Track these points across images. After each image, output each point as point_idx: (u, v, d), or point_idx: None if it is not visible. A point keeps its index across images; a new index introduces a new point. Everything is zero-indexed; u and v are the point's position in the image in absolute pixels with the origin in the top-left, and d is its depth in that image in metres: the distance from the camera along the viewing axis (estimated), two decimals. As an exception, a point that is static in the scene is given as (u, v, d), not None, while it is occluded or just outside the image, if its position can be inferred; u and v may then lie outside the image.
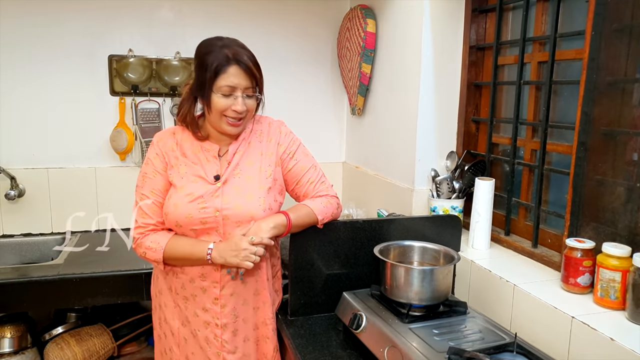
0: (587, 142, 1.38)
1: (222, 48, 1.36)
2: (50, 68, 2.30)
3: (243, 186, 1.45)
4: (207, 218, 1.41)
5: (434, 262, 1.53)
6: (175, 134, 1.50)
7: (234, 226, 1.43)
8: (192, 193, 1.42)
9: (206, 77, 1.36)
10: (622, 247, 1.24)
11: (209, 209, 1.41)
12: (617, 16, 1.31)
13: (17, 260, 2.30)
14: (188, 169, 1.45)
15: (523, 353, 1.20)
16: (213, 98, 1.38)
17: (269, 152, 1.53)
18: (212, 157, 1.46)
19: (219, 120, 1.41)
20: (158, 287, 1.55)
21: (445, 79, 1.93)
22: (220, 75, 1.36)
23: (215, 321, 1.46)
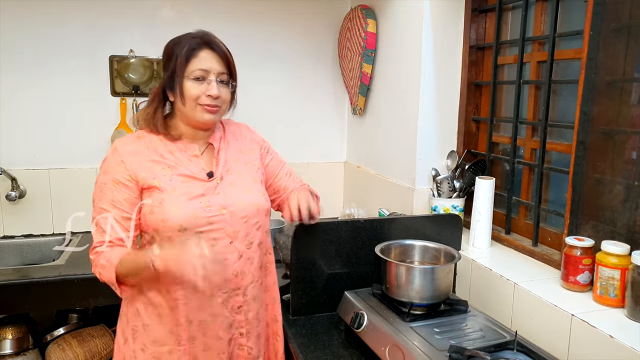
0: (586, 141, 1.39)
1: (191, 37, 1.32)
2: (51, 69, 2.30)
3: (239, 181, 1.41)
4: (213, 217, 1.32)
5: (435, 261, 1.54)
6: (141, 137, 1.37)
7: (241, 222, 1.36)
8: (189, 192, 1.32)
9: (177, 65, 1.29)
10: (621, 245, 1.25)
11: (213, 207, 1.33)
12: (615, 16, 1.32)
13: (18, 262, 2.30)
14: (171, 171, 1.33)
15: (523, 351, 1.21)
16: (185, 84, 1.30)
17: (248, 148, 1.50)
18: (192, 157, 1.37)
19: (194, 110, 1.32)
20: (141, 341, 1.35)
21: (446, 78, 1.94)
22: (191, 59, 1.30)
23: (240, 330, 1.38)
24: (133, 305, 1.35)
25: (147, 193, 1.31)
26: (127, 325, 1.36)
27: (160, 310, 1.32)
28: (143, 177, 1.31)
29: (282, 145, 2.67)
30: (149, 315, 1.33)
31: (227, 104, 1.38)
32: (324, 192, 2.74)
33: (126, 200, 1.30)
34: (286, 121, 2.68)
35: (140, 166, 1.31)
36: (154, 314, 1.33)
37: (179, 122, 1.37)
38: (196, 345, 1.33)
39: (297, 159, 2.73)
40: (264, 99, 2.62)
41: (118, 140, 1.37)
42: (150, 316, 1.33)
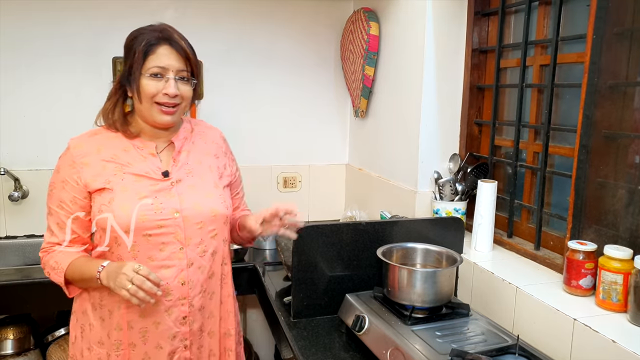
0: (589, 144, 1.38)
1: (151, 31, 1.27)
2: (54, 69, 2.31)
3: (199, 184, 1.34)
4: (165, 221, 1.26)
5: (437, 264, 1.54)
6: (97, 134, 1.33)
7: (195, 228, 1.30)
8: (140, 192, 1.26)
9: (134, 60, 1.24)
10: (623, 250, 1.25)
11: (165, 209, 1.26)
12: (618, 20, 1.32)
13: (21, 262, 2.30)
14: (122, 170, 1.28)
15: (525, 355, 1.21)
16: (142, 81, 1.24)
17: (215, 154, 1.44)
18: (148, 155, 1.31)
19: (150, 109, 1.26)
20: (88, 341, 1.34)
21: (448, 81, 1.94)
22: (149, 55, 1.24)
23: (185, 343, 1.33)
24: (82, 305, 1.34)
25: (97, 195, 1.28)
26: (77, 323, 1.36)
27: (103, 312, 1.30)
28: (92, 179, 1.27)
29: (284, 147, 2.70)
30: (95, 316, 1.32)
31: (188, 101, 1.32)
32: (325, 194, 2.77)
33: (72, 201, 1.28)
34: (288, 123, 2.68)
35: (90, 168, 1.27)
36: (98, 316, 1.31)
37: (137, 120, 1.33)
38: (136, 352, 1.29)
39: (299, 161, 2.73)
40: (266, 100, 2.62)
41: (72, 139, 1.33)
42: (95, 317, 1.32)
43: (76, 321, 1.37)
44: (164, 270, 1.27)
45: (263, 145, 2.66)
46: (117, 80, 1.32)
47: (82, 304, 1.35)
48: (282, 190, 2.71)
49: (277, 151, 2.69)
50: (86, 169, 1.28)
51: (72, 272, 1.27)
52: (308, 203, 2.73)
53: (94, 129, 1.35)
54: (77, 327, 1.37)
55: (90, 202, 1.29)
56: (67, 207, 1.29)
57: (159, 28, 1.28)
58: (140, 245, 1.26)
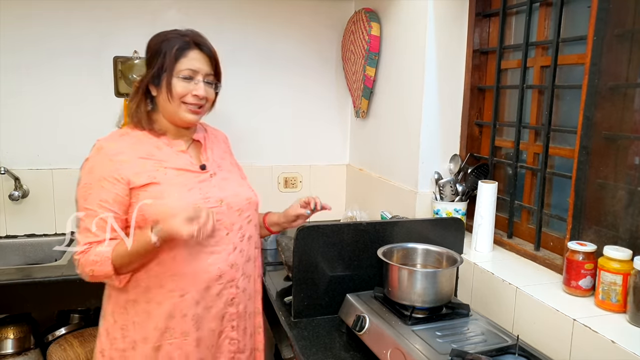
0: (589, 146, 1.39)
1: (181, 35, 1.34)
2: (55, 69, 2.31)
3: (229, 177, 1.44)
4: (212, 209, 1.31)
5: (437, 264, 1.54)
6: (125, 134, 1.36)
7: (235, 215, 1.39)
8: (186, 184, 1.33)
9: (165, 62, 1.31)
10: (623, 251, 1.25)
11: (211, 199, 1.34)
12: (618, 21, 1.32)
13: (21, 261, 2.30)
14: (162, 165, 1.33)
15: (525, 355, 1.21)
16: (173, 82, 1.31)
17: (228, 156, 1.55)
18: (178, 152, 1.38)
19: (178, 108, 1.33)
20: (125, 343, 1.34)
21: (449, 82, 1.94)
22: (180, 58, 1.31)
23: (232, 323, 1.41)
24: (119, 304, 1.34)
25: (142, 190, 1.29)
26: (115, 324, 1.34)
27: (150, 306, 1.31)
28: (134, 175, 1.29)
29: (285, 147, 2.70)
30: (138, 311, 1.32)
31: (210, 103, 1.41)
32: (326, 194, 2.76)
33: (114, 199, 1.28)
34: (289, 123, 2.68)
35: (129, 164, 1.30)
36: (143, 310, 1.31)
37: (161, 118, 1.38)
38: (189, 341, 1.33)
39: (300, 161, 2.74)
40: (267, 100, 2.63)
41: (102, 140, 1.35)
42: (139, 312, 1.32)
43: (114, 322, 1.34)
44: (215, 256, 1.35)
45: (264, 145, 2.66)
46: (140, 80, 1.37)
47: (121, 303, 1.33)
48: (283, 190, 2.71)
49: (277, 151, 2.69)
50: (126, 166, 1.29)
51: (120, 255, 1.26)
52: (308, 203, 2.73)
53: (120, 130, 1.39)
54: (115, 328, 1.34)
55: (130, 199, 1.30)
56: (109, 205, 1.28)
57: (189, 33, 1.35)
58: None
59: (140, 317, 1.32)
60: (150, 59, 1.35)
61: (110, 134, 1.39)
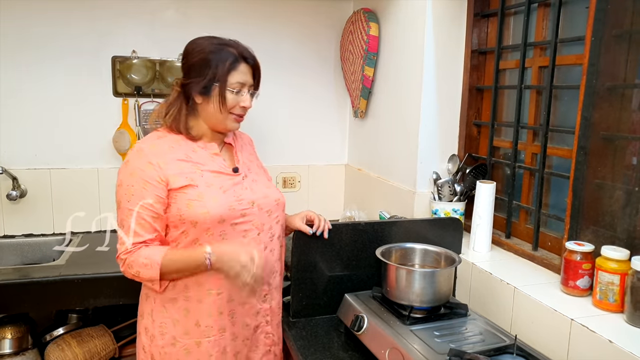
0: (587, 146, 1.39)
1: (228, 46, 1.38)
2: (53, 68, 2.31)
3: (258, 179, 1.50)
4: (245, 210, 1.39)
5: (435, 264, 1.55)
6: (163, 137, 1.41)
7: (265, 216, 1.44)
8: (222, 186, 1.38)
9: (217, 74, 1.35)
10: (620, 251, 1.26)
11: (243, 201, 1.40)
12: (616, 22, 1.33)
13: (19, 261, 2.30)
14: (199, 167, 1.38)
15: (523, 355, 1.21)
16: (226, 95, 1.37)
17: (254, 157, 1.60)
18: (212, 155, 1.43)
19: (225, 118, 1.40)
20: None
21: (447, 82, 1.95)
22: (232, 72, 1.37)
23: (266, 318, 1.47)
24: (157, 302, 1.38)
25: (180, 192, 1.34)
26: (153, 323, 1.39)
27: (188, 304, 1.36)
28: (173, 177, 1.34)
29: (284, 147, 2.70)
30: (177, 309, 1.36)
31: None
32: (325, 195, 2.77)
33: (156, 201, 1.32)
34: (288, 123, 2.68)
35: (168, 166, 1.34)
36: (183, 307, 1.36)
37: (201, 124, 1.43)
38: (226, 335, 1.39)
39: (299, 161, 2.74)
40: (266, 100, 2.62)
41: (141, 142, 1.41)
42: (178, 310, 1.36)
43: (152, 322, 1.39)
44: None
45: (262, 145, 2.64)
46: (179, 85, 1.40)
47: (159, 302, 1.38)
48: (282, 190, 2.70)
49: (276, 151, 2.69)
50: (165, 168, 1.34)
51: (170, 263, 1.30)
52: (307, 203, 2.73)
53: (156, 132, 1.43)
54: (154, 327, 1.39)
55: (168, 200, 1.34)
56: (151, 207, 1.32)
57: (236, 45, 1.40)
58: (228, 234, 1.37)
59: (180, 315, 1.37)
60: (197, 67, 1.37)
61: (147, 136, 1.43)
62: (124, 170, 1.36)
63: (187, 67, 1.39)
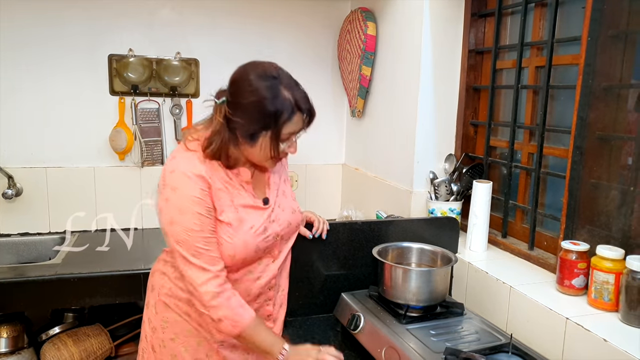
0: (583, 146, 1.40)
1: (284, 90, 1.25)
2: (50, 67, 2.30)
3: (284, 203, 1.39)
4: (268, 244, 1.32)
5: (432, 263, 1.55)
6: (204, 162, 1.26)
7: (283, 244, 1.38)
8: (254, 224, 1.28)
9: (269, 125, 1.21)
10: (615, 250, 1.26)
11: (270, 236, 1.32)
12: (613, 22, 1.33)
13: (14, 260, 2.29)
14: (233, 201, 1.27)
15: (518, 354, 1.22)
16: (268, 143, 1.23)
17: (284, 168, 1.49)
18: (244, 183, 1.31)
19: (265, 160, 1.28)
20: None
21: (444, 82, 1.95)
22: (286, 124, 1.23)
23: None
24: (161, 298, 1.36)
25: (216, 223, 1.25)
26: (156, 315, 1.37)
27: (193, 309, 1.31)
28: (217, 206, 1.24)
29: (280, 147, 2.70)
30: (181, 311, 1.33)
31: None
32: (322, 194, 2.77)
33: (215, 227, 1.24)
34: (284, 122, 2.68)
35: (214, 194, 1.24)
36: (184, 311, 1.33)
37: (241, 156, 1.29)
38: (225, 345, 1.35)
39: (296, 160, 2.73)
40: (263, 100, 2.62)
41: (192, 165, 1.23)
42: (181, 312, 1.33)
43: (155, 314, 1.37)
44: (259, 281, 1.34)
45: (259, 145, 2.66)
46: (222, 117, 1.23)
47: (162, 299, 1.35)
48: (278, 190, 2.71)
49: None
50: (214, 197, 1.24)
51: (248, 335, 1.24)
52: (304, 202, 2.73)
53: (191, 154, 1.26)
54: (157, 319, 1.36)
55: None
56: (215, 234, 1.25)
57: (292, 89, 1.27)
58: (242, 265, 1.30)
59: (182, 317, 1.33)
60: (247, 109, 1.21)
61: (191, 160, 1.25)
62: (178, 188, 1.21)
63: (236, 104, 1.22)
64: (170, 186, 1.21)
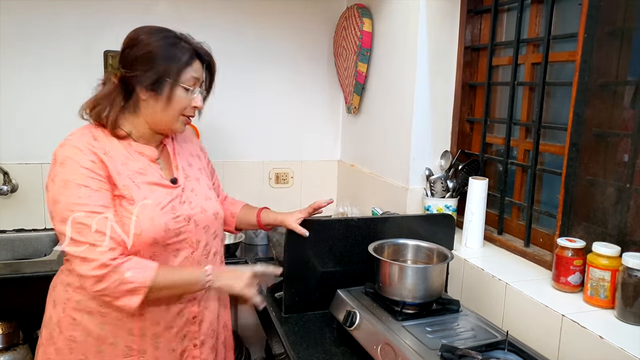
0: (579, 143, 1.40)
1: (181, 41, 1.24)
2: (45, 63, 2.29)
3: (197, 188, 1.35)
4: (181, 228, 1.25)
5: (428, 260, 1.55)
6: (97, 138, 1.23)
7: (202, 232, 1.31)
8: (160, 202, 1.23)
9: (170, 69, 1.20)
10: (611, 247, 1.26)
11: (180, 217, 1.26)
12: (609, 19, 1.33)
13: (10, 256, 2.29)
14: (137, 178, 1.23)
15: (514, 351, 1.22)
16: (177, 92, 1.22)
17: (197, 152, 1.46)
18: (150, 162, 1.27)
19: (173, 118, 1.25)
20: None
21: (440, 79, 1.95)
22: (187, 68, 1.22)
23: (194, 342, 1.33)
24: (67, 314, 1.23)
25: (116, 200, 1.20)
26: (61, 335, 1.24)
27: (107, 319, 1.22)
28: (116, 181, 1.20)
29: (277, 143, 2.70)
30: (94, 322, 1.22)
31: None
32: (317, 190, 2.77)
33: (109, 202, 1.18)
34: (281, 119, 2.68)
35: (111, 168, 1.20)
36: (98, 322, 1.22)
37: (140, 122, 1.26)
38: (147, 357, 1.26)
39: (291, 156, 2.73)
40: (259, 96, 2.62)
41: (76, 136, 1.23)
42: (94, 324, 1.22)
43: (60, 333, 1.24)
44: None
45: (255, 141, 2.66)
46: (118, 76, 1.22)
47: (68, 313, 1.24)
48: (274, 186, 2.71)
49: (269, 147, 2.69)
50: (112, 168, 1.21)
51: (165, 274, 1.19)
52: (300, 199, 2.73)
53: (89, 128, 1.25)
54: (60, 339, 1.24)
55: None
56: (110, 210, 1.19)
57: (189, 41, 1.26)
58: (158, 255, 1.23)
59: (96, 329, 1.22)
60: (145, 59, 1.20)
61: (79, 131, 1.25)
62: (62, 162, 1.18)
63: (133, 59, 1.20)
64: (59, 161, 1.18)
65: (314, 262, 1.57)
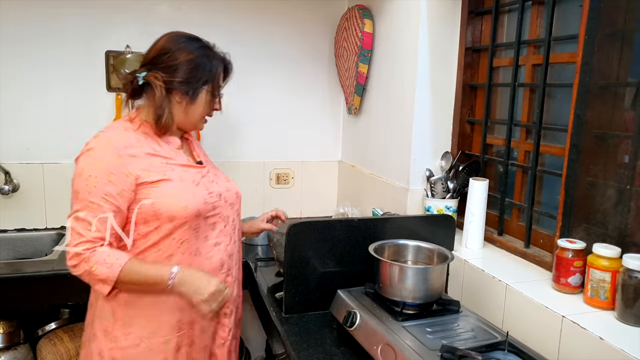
0: (580, 144, 1.40)
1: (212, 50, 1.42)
2: (46, 63, 2.29)
3: (217, 172, 1.52)
4: (215, 203, 1.40)
5: (428, 261, 1.55)
6: (129, 130, 1.35)
7: (229, 208, 1.46)
8: (194, 179, 1.38)
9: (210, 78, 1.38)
10: (612, 248, 1.27)
11: (213, 193, 1.41)
12: (610, 21, 1.33)
13: (11, 256, 2.29)
14: (169, 161, 1.36)
15: (514, 352, 1.22)
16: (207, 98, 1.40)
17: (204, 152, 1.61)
18: (176, 149, 1.41)
19: (200, 119, 1.43)
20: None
21: (441, 79, 1.95)
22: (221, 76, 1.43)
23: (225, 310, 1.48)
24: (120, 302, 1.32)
25: (153, 187, 1.30)
26: (115, 323, 1.33)
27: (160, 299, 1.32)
28: (143, 171, 1.29)
29: (277, 143, 2.70)
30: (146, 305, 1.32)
31: None
32: (318, 191, 2.78)
33: (119, 194, 1.27)
34: (281, 119, 2.68)
35: (138, 161, 1.30)
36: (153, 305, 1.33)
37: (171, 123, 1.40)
38: (195, 329, 1.39)
39: (292, 157, 2.73)
40: (260, 96, 2.62)
41: (108, 133, 1.32)
42: (142, 307, 1.32)
43: (114, 321, 1.33)
44: (217, 247, 1.42)
45: (256, 141, 2.66)
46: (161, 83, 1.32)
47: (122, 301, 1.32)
48: (275, 186, 2.71)
49: (270, 147, 2.69)
50: (134, 161, 1.29)
51: (131, 270, 1.26)
52: (300, 199, 2.73)
53: (121, 123, 1.38)
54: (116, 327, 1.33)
55: (135, 195, 1.30)
56: (114, 200, 1.26)
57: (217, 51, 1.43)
58: (201, 228, 1.37)
59: (151, 311, 1.33)
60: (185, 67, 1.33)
61: (113, 126, 1.36)
62: (86, 159, 1.28)
63: (173, 67, 1.33)
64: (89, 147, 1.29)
65: (314, 262, 1.57)
